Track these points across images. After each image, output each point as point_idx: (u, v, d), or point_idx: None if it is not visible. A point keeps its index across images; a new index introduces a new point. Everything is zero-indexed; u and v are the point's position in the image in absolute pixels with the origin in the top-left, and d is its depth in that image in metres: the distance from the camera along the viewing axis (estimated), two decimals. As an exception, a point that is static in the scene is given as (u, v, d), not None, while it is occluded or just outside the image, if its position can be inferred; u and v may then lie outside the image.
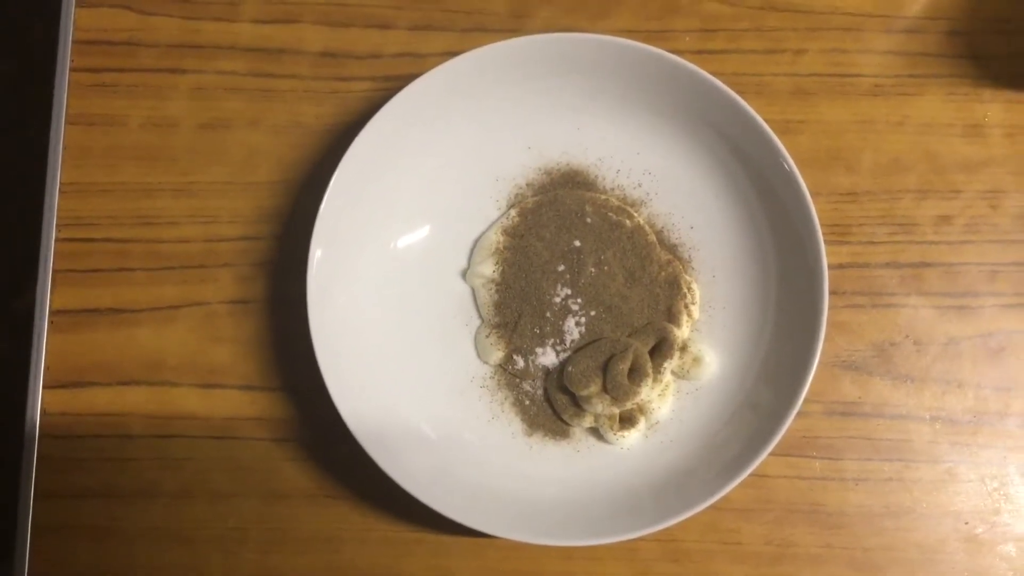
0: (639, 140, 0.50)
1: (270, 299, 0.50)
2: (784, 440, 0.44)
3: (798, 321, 0.46)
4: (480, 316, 0.50)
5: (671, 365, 0.47)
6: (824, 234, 0.46)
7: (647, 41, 0.47)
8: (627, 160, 0.50)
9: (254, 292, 0.50)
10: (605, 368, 0.47)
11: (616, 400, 0.46)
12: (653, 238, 0.49)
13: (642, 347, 0.47)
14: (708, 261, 0.49)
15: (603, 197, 0.50)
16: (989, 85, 0.52)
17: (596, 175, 0.50)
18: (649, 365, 0.47)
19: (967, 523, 0.49)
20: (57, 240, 0.51)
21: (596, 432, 0.48)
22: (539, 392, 0.49)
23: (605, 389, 0.47)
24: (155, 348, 0.50)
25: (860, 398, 0.50)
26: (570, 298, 0.48)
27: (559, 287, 0.49)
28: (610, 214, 0.49)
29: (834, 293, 0.50)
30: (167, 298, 0.50)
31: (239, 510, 0.49)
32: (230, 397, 0.49)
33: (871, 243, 0.51)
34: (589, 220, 0.49)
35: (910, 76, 0.52)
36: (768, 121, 0.46)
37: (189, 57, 0.52)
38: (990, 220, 0.51)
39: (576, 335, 0.48)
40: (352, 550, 0.49)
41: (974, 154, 0.51)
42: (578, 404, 0.48)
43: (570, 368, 0.47)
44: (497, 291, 0.49)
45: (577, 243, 0.49)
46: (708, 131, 0.49)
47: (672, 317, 0.48)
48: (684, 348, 0.48)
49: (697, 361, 0.48)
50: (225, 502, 0.49)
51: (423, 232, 0.50)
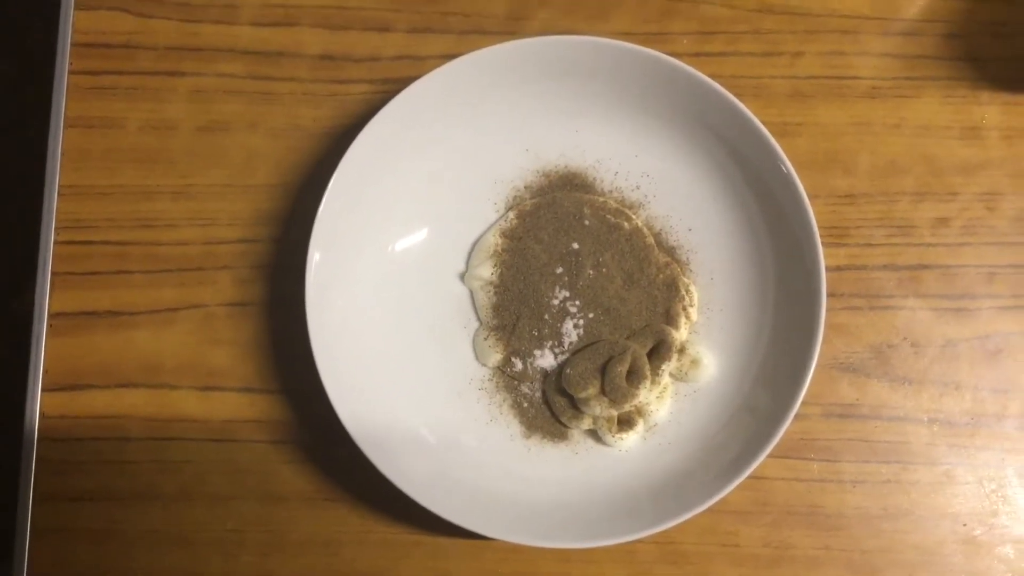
0: (637, 142, 0.50)
1: (268, 302, 0.50)
2: (782, 442, 0.44)
3: (796, 323, 0.46)
4: (478, 318, 0.50)
5: (669, 367, 0.47)
6: (822, 236, 0.46)
7: (645, 44, 0.47)
8: (625, 162, 0.50)
9: (252, 295, 0.50)
10: (603, 370, 0.47)
11: (614, 402, 0.47)
12: (651, 240, 0.49)
13: (640, 349, 0.47)
14: (706, 263, 0.49)
15: (601, 199, 0.50)
16: (986, 87, 0.52)
17: (594, 177, 0.50)
18: (647, 367, 0.47)
19: (965, 525, 0.49)
20: (56, 243, 0.51)
21: (594, 434, 0.48)
22: (537, 394, 0.49)
23: (603, 391, 0.47)
24: (154, 351, 0.50)
25: (858, 400, 0.50)
26: (568, 300, 0.48)
27: (557, 289, 0.49)
28: (608, 216, 0.49)
29: (832, 295, 0.50)
30: (166, 301, 0.50)
31: (238, 512, 0.49)
32: (228, 400, 0.49)
33: (869, 245, 0.51)
34: (587, 222, 0.49)
35: (907, 79, 0.52)
36: (766, 123, 0.46)
37: (188, 60, 0.52)
38: (987, 222, 0.51)
39: (574, 337, 0.48)
40: (350, 552, 0.49)
41: (971, 156, 0.51)
42: (576, 406, 0.48)
43: (568, 370, 0.47)
44: (495, 293, 0.49)
45: (575, 245, 0.49)
46: (706, 133, 0.49)
47: (670, 319, 0.48)
48: (682, 350, 0.48)
49: (695, 363, 0.48)
50: (224, 504, 0.49)
51: (421, 234, 0.50)
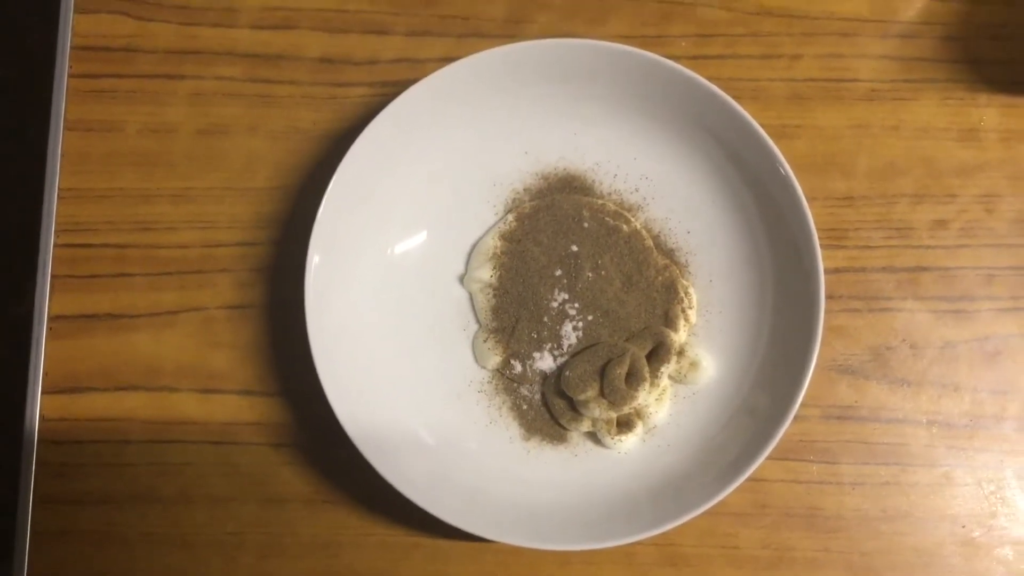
0: (636, 145, 0.50)
1: (268, 304, 0.50)
2: (781, 444, 0.44)
3: (795, 325, 0.46)
4: (478, 321, 0.50)
5: (668, 369, 0.47)
6: (820, 238, 0.46)
7: (643, 46, 0.47)
8: (624, 165, 0.50)
9: (252, 297, 0.50)
10: (602, 373, 0.47)
11: (613, 404, 0.47)
12: (650, 243, 0.49)
13: (639, 351, 0.47)
14: (705, 265, 0.49)
15: (600, 202, 0.50)
16: (984, 90, 0.52)
17: (593, 180, 0.50)
18: (646, 369, 0.47)
19: (964, 527, 0.49)
20: (56, 246, 0.51)
21: (594, 436, 0.48)
22: (537, 397, 0.49)
23: (602, 393, 0.47)
24: (153, 353, 0.50)
25: (857, 402, 0.50)
26: (567, 303, 0.49)
27: (556, 292, 0.49)
28: (607, 219, 0.49)
29: (830, 297, 0.50)
30: (165, 303, 0.50)
31: (237, 515, 0.49)
32: (228, 402, 0.50)
33: (867, 247, 0.51)
34: (586, 225, 0.49)
35: (906, 81, 0.52)
36: (764, 126, 0.46)
37: (187, 63, 0.52)
38: (986, 224, 0.51)
39: (573, 340, 0.48)
40: (350, 554, 0.49)
41: (970, 158, 0.52)
42: (576, 408, 0.48)
43: (567, 373, 0.47)
44: (495, 296, 0.49)
45: (574, 248, 0.49)
46: (704, 136, 0.49)
47: (669, 321, 0.48)
48: (681, 352, 0.48)
49: (694, 365, 0.48)
50: (223, 507, 0.49)
51: (421, 237, 0.50)
